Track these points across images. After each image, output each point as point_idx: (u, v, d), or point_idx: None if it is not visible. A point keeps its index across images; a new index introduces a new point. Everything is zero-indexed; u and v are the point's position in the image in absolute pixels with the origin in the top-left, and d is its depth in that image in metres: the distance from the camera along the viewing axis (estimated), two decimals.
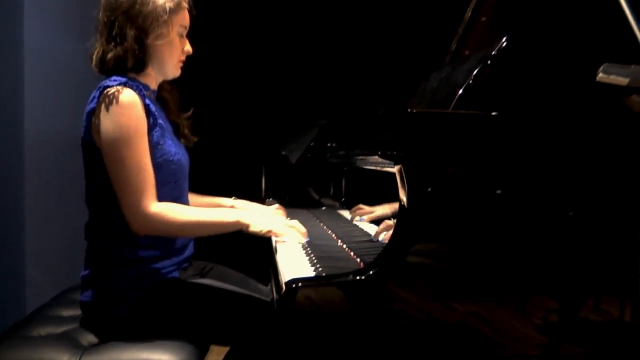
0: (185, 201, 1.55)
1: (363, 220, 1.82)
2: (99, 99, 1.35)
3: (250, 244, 2.15)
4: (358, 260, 1.31)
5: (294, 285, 1.03)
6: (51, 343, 1.34)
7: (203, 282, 1.49)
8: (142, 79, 1.45)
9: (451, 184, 1.04)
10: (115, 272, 1.39)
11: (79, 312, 1.48)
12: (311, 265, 1.26)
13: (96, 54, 1.43)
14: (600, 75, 1.25)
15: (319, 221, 1.93)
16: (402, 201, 1.03)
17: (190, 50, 1.51)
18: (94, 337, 1.39)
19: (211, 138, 1.71)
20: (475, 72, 1.31)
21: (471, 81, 1.31)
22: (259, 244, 1.76)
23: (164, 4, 1.39)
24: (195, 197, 1.67)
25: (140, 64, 1.41)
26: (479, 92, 1.30)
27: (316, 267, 1.22)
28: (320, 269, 1.19)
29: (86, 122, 1.37)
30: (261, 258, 1.91)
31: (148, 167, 1.35)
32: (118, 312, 1.37)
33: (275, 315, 1.05)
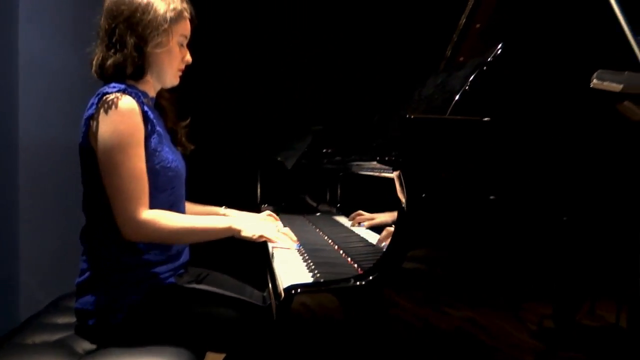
0: (181, 208, 1.55)
1: (363, 226, 1.82)
2: (98, 105, 1.35)
3: (246, 251, 2.15)
4: (355, 266, 1.31)
5: (293, 291, 1.02)
6: (46, 351, 1.33)
7: (200, 288, 1.48)
8: (141, 87, 1.46)
9: (450, 189, 1.04)
10: (112, 278, 1.39)
11: (73, 320, 1.47)
12: (309, 271, 1.25)
13: (96, 60, 1.43)
14: (595, 81, 1.26)
15: (315, 227, 1.93)
16: (402, 207, 1.03)
17: (189, 60, 1.52)
18: (90, 344, 1.38)
19: (206, 144, 1.71)
20: (471, 79, 1.32)
21: (467, 87, 1.31)
22: (255, 251, 1.75)
23: (165, 13, 1.40)
24: (189, 206, 1.67)
25: (139, 71, 1.42)
26: (475, 98, 1.31)
27: (314, 273, 1.22)
28: (318, 275, 1.19)
29: (84, 128, 1.37)
30: (256, 264, 1.91)
31: (142, 175, 1.35)
32: (114, 319, 1.36)
33: (274, 321, 1.04)
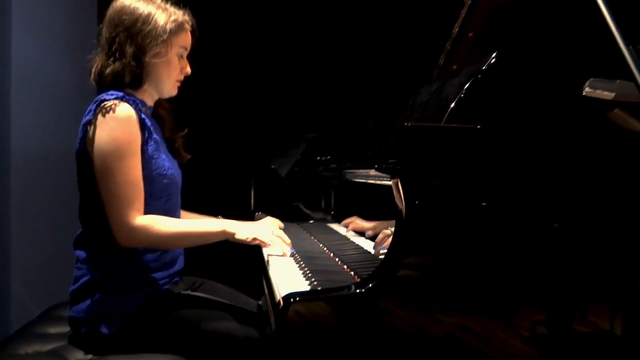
0: (177, 216, 1.55)
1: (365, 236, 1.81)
2: (95, 111, 1.36)
3: (240, 259, 2.15)
4: (352, 273, 1.31)
5: (292, 299, 1.02)
6: None
7: (195, 295, 1.49)
8: (139, 95, 1.46)
9: (449, 197, 1.04)
10: (107, 286, 1.38)
11: (66, 329, 1.46)
12: (306, 279, 1.25)
13: (95, 67, 1.45)
14: (587, 89, 1.28)
15: (309, 235, 1.93)
16: (400, 214, 1.03)
17: (189, 72, 1.53)
18: (84, 354, 1.36)
19: (200, 152, 1.71)
20: (466, 86, 1.33)
21: (463, 95, 1.33)
22: (249, 259, 1.75)
23: (165, 24, 1.42)
24: (184, 214, 1.67)
25: (137, 80, 1.43)
26: (470, 106, 1.32)
27: (311, 281, 1.21)
28: (315, 282, 1.19)
29: (81, 134, 1.38)
30: (250, 273, 1.90)
31: (137, 181, 1.36)
32: (109, 327, 1.35)
33: (274, 330, 1.04)
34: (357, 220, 1.87)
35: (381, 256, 1.46)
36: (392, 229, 1.48)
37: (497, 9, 1.80)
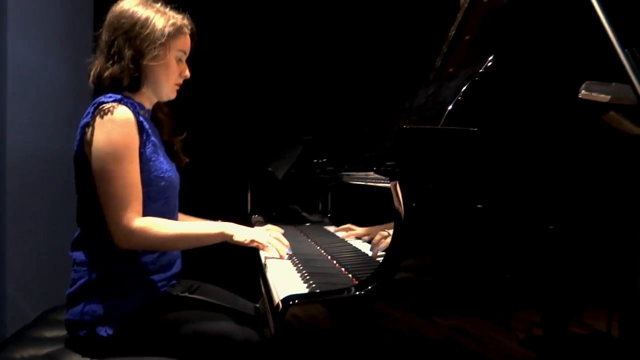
0: (174, 219, 1.55)
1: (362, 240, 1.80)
2: (94, 113, 1.36)
3: (237, 263, 2.14)
4: (350, 276, 1.31)
5: (291, 302, 1.02)
6: None
7: (194, 297, 1.49)
8: (137, 98, 1.47)
9: (448, 199, 1.05)
10: (104, 288, 1.38)
11: (62, 333, 1.45)
12: (304, 282, 1.25)
13: (94, 71, 1.45)
14: (583, 92, 1.29)
15: (307, 237, 1.93)
16: (399, 217, 1.04)
17: (188, 75, 1.54)
18: (81, 358, 1.36)
19: (196, 154, 1.71)
20: (464, 89, 1.33)
21: (460, 97, 1.33)
22: (246, 262, 1.74)
23: (163, 28, 1.43)
24: (182, 218, 1.67)
25: (135, 83, 1.43)
26: (467, 109, 1.33)
27: (309, 284, 1.21)
28: (314, 285, 1.19)
29: (79, 136, 1.38)
30: (247, 276, 1.89)
31: (135, 183, 1.36)
32: (106, 330, 1.34)
33: (274, 333, 1.04)
34: (352, 227, 1.86)
35: (379, 258, 1.46)
36: (389, 230, 1.49)
37: (494, 12, 1.81)
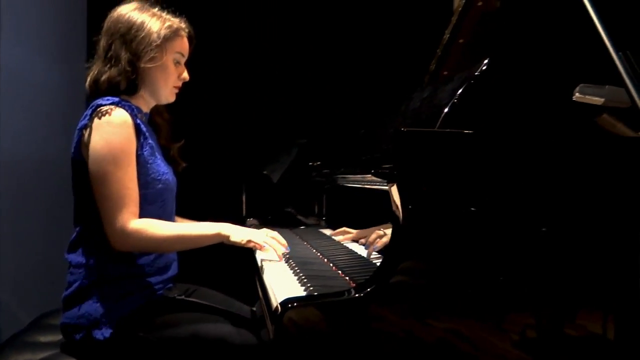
0: (171, 221, 1.54)
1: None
2: (91, 115, 1.37)
3: (233, 265, 2.14)
4: (347, 279, 1.31)
5: (290, 305, 1.02)
6: None
7: (190, 300, 1.49)
8: (134, 102, 1.47)
9: (446, 201, 1.05)
10: (101, 291, 1.37)
11: (57, 338, 1.44)
12: (301, 284, 1.25)
13: (91, 75, 1.46)
14: (577, 95, 1.30)
15: (302, 240, 1.93)
16: (397, 219, 1.04)
17: (186, 78, 1.54)
18: None
19: (191, 157, 1.70)
20: (460, 92, 1.34)
21: (456, 100, 1.34)
22: (242, 265, 1.74)
23: (159, 30, 1.44)
24: (179, 220, 1.66)
25: (133, 86, 1.44)
26: (463, 112, 1.34)
27: (307, 287, 1.21)
28: (311, 288, 1.19)
29: (77, 139, 1.39)
30: (243, 280, 1.89)
31: (132, 185, 1.36)
32: (102, 333, 1.34)
33: (271, 335, 1.04)
34: (347, 230, 1.86)
35: (376, 260, 1.46)
36: (385, 230, 1.49)
37: (487, 15, 1.82)
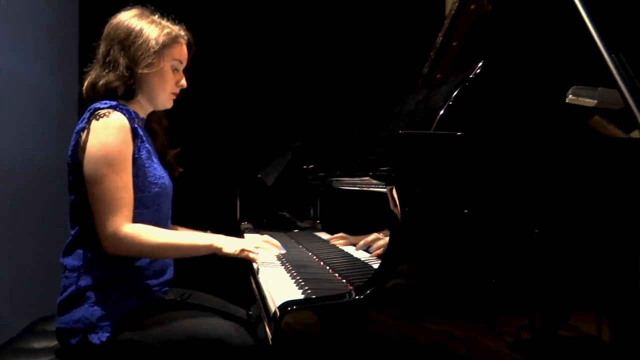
0: (165, 226, 1.54)
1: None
2: (89, 119, 1.37)
3: (228, 269, 2.13)
4: (344, 281, 1.31)
5: (289, 308, 1.01)
6: None
7: (188, 302, 1.49)
8: (131, 107, 1.47)
9: (444, 203, 1.05)
10: (96, 294, 1.37)
11: (52, 344, 1.43)
12: (299, 287, 1.25)
13: (89, 80, 1.47)
14: (570, 97, 1.31)
15: (298, 244, 1.93)
16: (396, 221, 1.04)
17: (184, 84, 1.55)
18: None
19: (185, 161, 1.70)
20: (455, 94, 1.35)
21: (451, 102, 1.35)
22: (237, 269, 1.73)
23: (158, 37, 1.45)
24: (173, 228, 1.66)
25: (130, 91, 1.45)
26: (459, 114, 1.34)
27: (304, 290, 1.21)
28: (309, 291, 1.18)
29: (74, 141, 1.39)
30: (238, 283, 1.89)
31: (127, 189, 1.36)
32: (99, 337, 1.33)
33: (270, 339, 1.03)
34: (345, 236, 1.86)
35: (372, 262, 1.46)
36: (383, 234, 1.50)
37: (480, 19, 1.84)
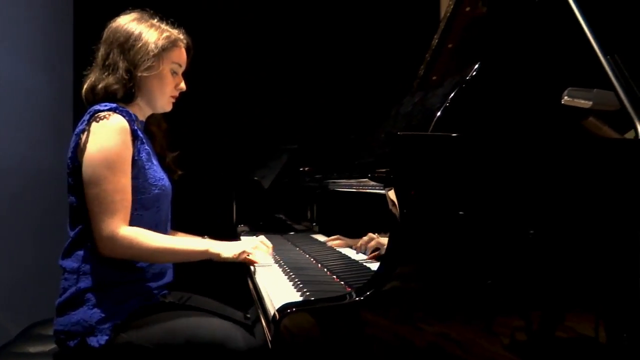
0: (165, 229, 1.54)
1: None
2: (89, 121, 1.37)
3: (226, 273, 2.12)
4: (342, 283, 1.31)
5: (289, 310, 1.01)
6: None
7: (187, 305, 1.49)
8: (131, 110, 1.47)
9: (443, 204, 1.05)
10: (95, 297, 1.36)
11: (48, 348, 1.43)
12: (297, 290, 1.25)
13: (88, 83, 1.47)
14: (566, 98, 1.32)
15: (295, 246, 1.93)
16: (395, 223, 1.04)
17: (184, 88, 1.55)
18: None
19: (181, 163, 1.70)
20: (452, 96, 1.35)
21: (448, 104, 1.35)
22: (235, 272, 1.73)
23: (157, 40, 1.46)
24: (171, 233, 1.65)
25: (129, 94, 1.45)
26: (455, 115, 1.35)
27: (303, 292, 1.21)
28: (308, 293, 1.18)
29: (74, 143, 1.39)
30: (235, 287, 1.88)
31: (125, 192, 1.36)
32: (98, 340, 1.32)
33: (269, 342, 1.03)
34: (342, 238, 1.86)
35: (370, 264, 1.46)
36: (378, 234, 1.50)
37: (476, 20, 1.84)
